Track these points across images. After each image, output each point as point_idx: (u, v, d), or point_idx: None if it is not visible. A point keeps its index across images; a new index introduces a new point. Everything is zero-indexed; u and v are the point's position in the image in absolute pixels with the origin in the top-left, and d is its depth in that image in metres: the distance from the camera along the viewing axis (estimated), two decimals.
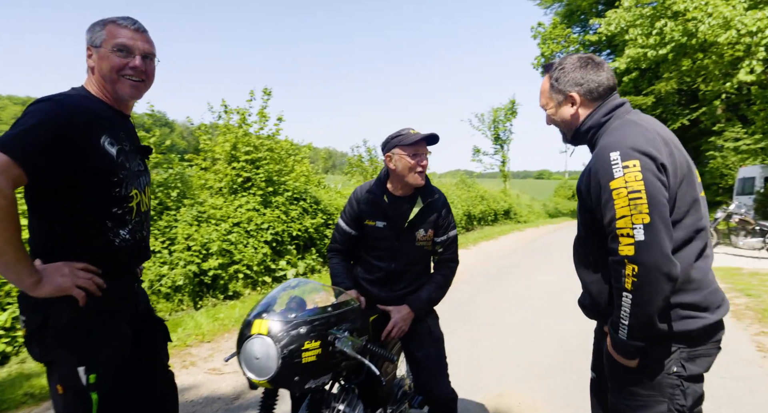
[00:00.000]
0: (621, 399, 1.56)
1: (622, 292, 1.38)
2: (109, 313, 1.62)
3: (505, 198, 20.76)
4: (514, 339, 4.52)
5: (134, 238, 1.67)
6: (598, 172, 1.45)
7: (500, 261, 9.25)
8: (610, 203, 1.39)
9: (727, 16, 10.23)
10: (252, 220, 7.32)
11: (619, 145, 1.43)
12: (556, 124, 1.72)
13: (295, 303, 1.70)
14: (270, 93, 8.46)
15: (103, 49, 1.61)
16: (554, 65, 1.65)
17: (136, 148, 1.74)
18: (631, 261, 1.33)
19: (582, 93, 1.60)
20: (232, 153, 7.93)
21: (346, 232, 2.37)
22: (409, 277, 2.33)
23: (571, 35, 23.94)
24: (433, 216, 2.29)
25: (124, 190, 1.61)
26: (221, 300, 6.31)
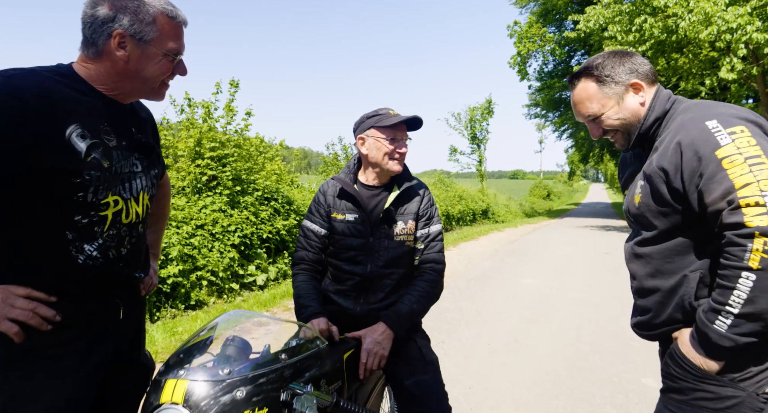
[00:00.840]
0: (678, 411, 1.34)
1: (740, 272, 1.16)
2: (62, 351, 1.28)
3: (482, 198, 20.54)
4: (506, 352, 4.10)
5: (105, 256, 1.33)
6: (695, 143, 1.26)
7: (483, 264, 8.88)
8: (719, 175, 1.20)
9: (708, 12, 10.11)
10: (218, 222, 6.74)
11: (713, 114, 1.28)
12: (619, 127, 1.51)
13: (233, 348, 1.22)
14: (237, 85, 7.88)
15: (153, 48, 1.31)
16: (589, 68, 1.51)
17: (132, 144, 1.41)
18: (764, 233, 1.12)
19: (642, 78, 1.48)
20: (196, 149, 7.33)
21: (315, 233, 1.98)
22: (390, 284, 1.90)
23: (547, 34, 23.88)
24: (413, 204, 1.96)
25: (93, 196, 1.27)
26: (182, 310, 5.72)
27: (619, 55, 1.51)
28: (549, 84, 26.12)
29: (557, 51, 24.17)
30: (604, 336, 4.55)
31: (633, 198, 1.48)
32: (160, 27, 1.31)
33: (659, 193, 1.36)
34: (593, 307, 5.53)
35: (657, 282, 1.43)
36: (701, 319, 1.25)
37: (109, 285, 1.39)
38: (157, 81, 1.37)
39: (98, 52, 1.30)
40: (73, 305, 1.30)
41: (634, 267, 1.52)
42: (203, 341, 1.31)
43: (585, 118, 1.55)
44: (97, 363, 1.35)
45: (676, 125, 1.37)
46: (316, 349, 1.34)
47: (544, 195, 40.73)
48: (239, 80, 7.93)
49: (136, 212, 1.42)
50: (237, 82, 7.90)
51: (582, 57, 24.33)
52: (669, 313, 1.41)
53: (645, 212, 1.42)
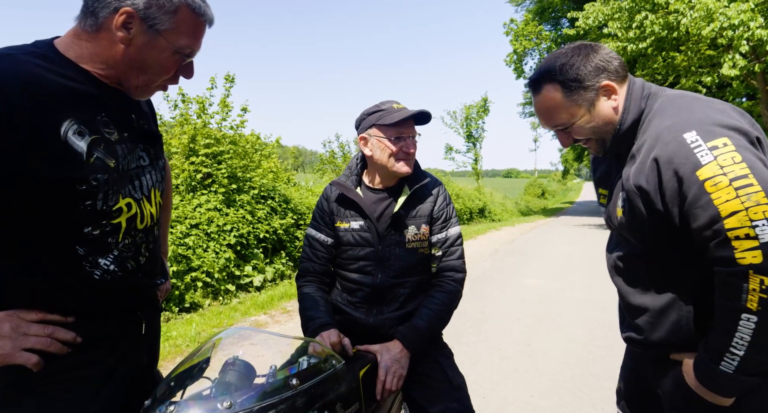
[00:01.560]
0: None
1: (739, 314, 1.04)
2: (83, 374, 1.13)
3: (479, 196, 20.41)
4: (518, 358, 3.93)
5: (123, 269, 1.17)
6: (673, 160, 1.11)
7: (483, 264, 8.71)
8: (703, 200, 1.06)
9: (710, 8, 9.98)
10: (213, 221, 6.52)
11: (691, 122, 1.13)
12: (591, 135, 1.33)
13: (235, 373, 1.03)
14: (233, 79, 7.65)
15: (163, 41, 1.11)
16: (551, 71, 1.30)
17: (136, 134, 1.21)
18: (759, 271, 1.00)
19: (613, 78, 1.29)
20: (190, 146, 7.09)
21: (321, 242, 1.80)
22: (405, 293, 1.72)
23: (543, 32, 23.78)
24: (426, 205, 1.77)
25: (103, 203, 1.09)
26: (176, 313, 5.50)
27: (583, 50, 1.30)
28: None
29: (554, 49, 24.04)
30: (615, 339, 4.38)
31: (614, 209, 1.34)
32: (179, 19, 1.11)
33: (639, 211, 1.22)
34: (601, 309, 5.38)
35: (645, 300, 1.31)
36: (705, 360, 1.13)
37: (130, 298, 1.24)
38: (155, 79, 1.17)
39: (97, 25, 1.09)
40: (93, 324, 1.16)
41: (618, 282, 1.40)
42: (198, 364, 1.12)
43: (552, 127, 1.37)
44: (119, 385, 1.19)
45: (651, 133, 1.20)
46: (332, 370, 1.16)
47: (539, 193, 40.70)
48: (234, 75, 7.69)
49: (151, 214, 1.24)
50: (232, 77, 7.67)
51: None
52: (661, 336, 1.29)
53: (626, 228, 1.30)
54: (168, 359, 3.99)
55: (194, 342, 4.39)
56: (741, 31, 9.95)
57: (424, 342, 1.64)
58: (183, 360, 1.17)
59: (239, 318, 5.21)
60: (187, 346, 4.28)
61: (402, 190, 1.77)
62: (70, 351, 1.11)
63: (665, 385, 1.34)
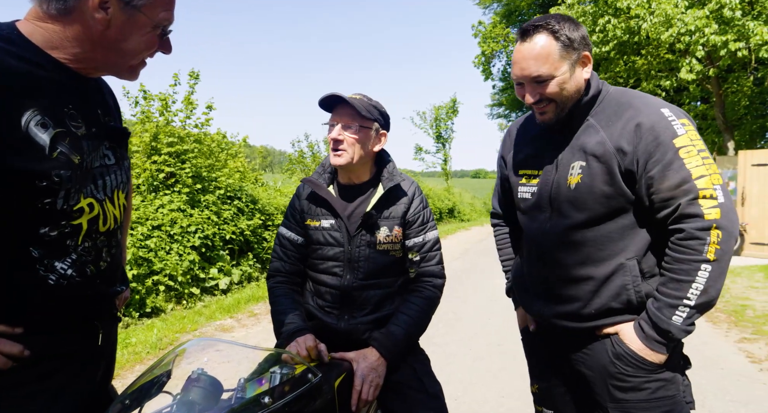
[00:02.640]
0: (642, 409, 1.33)
1: (699, 265, 1.21)
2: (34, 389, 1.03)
3: (448, 196, 20.57)
4: (490, 359, 3.91)
5: (82, 274, 1.07)
6: (655, 127, 1.27)
7: (454, 264, 8.74)
8: (676, 163, 1.24)
9: (669, 14, 10.33)
10: (176, 222, 6.29)
11: (660, 103, 1.33)
12: (558, 97, 1.36)
13: (199, 391, 0.94)
14: (198, 76, 7.41)
15: (143, 16, 1.04)
16: (550, 24, 1.33)
17: (102, 131, 1.12)
18: (719, 226, 1.20)
19: (590, 52, 1.39)
20: (152, 144, 6.83)
21: (292, 241, 1.74)
22: (375, 296, 1.65)
23: (510, 35, 24.17)
24: (400, 206, 1.70)
25: (64, 202, 1.00)
26: (136, 318, 5.27)
27: (573, 21, 1.37)
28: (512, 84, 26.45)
29: None
30: None
31: (564, 179, 1.39)
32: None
33: (611, 174, 1.31)
34: None
35: (588, 270, 1.37)
36: (657, 316, 1.25)
37: (88, 307, 1.14)
38: (138, 57, 1.10)
39: (66, 8, 0.99)
40: (45, 335, 1.06)
41: (560, 255, 1.42)
42: (158, 379, 1.01)
43: (529, 77, 1.35)
44: (71, 402, 1.09)
45: (626, 107, 1.34)
46: (307, 386, 1.07)
47: None
48: (199, 71, 7.45)
49: (114, 216, 1.16)
50: (197, 74, 7.43)
51: None
52: (602, 303, 1.36)
53: (585, 194, 1.34)
54: (126, 368, 3.80)
55: (155, 348, 4.20)
56: (697, 37, 10.35)
57: (402, 349, 1.58)
58: (141, 374, 1.07)
59: (204, 323, 5.03)
60: (147, 353, 4.09)
61: (375, 187, 1.71)
62: (16, 366, 1.00)
63: (598, 360, 1.40)
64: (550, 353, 1.57)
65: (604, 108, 1.38)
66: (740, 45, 10.25)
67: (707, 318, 4.87)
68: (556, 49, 1.32)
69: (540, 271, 1.49)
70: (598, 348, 1.40)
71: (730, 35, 10.26)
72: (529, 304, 1.57)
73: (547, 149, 1.46)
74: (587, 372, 1.43)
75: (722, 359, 3.81)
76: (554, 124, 1.41)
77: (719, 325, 4.72)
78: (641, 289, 1.33)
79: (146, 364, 3.91)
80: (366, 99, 1.66)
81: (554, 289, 1.45)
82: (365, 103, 1.64)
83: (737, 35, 10.36)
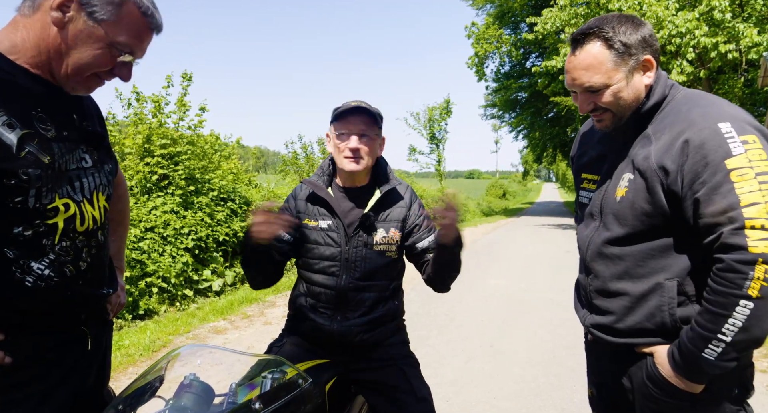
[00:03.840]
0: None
1: (738, 301, 1.09)
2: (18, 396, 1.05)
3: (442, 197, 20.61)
4: (482, 359, 3.94)
5: (61, 274, 1.09)
6: (705, 145, 1.15)
7: None
8: (725, 187, 1.12)
9: (660, 16, 10.42)
10: (169, 224, 6.28)
11: (725, 114, 1.19)
12: (614, 106, 1.30)
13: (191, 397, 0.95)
14: (191, 78, 7.39)
15: (100, 30, 1.06)
16: (603, 29, 1.26)
17: (78, 135, 1.17)
18: (767, 260, 1.06)
19: (654, 55, 1.29)
20: (145, 146, 6.81)
21: (278, 237, 1.70)
22: (370, 298, 1.67)
23: (503, 36, 24.27)
24: (398, 210, 1.75)
25: (36, 200, 1.03)
26: (129, 320, 5.25)
27: (633, 21, 1.29)
28: (506, 85, 26.56)
29: (513, 52, 24.61)
30: (578, 338, 4.47)
31: (614, 190, 1.34)
32: (122, 14, 1.08)
33: (652, 192, 1.24)
34: (563, 308, 5.48)
35: (625, 285, 1.33)
36: (688, 347, 1.18)
37: (72, 310, 1.15)
38: (86, 70, 1.11)
39: (34, 6, 1.04)
40: (27, 340, 1.07)
41: (598, 267, 1.39)
42: (151, 384, 1.03)
43: (581, 87, 1.32)
44: (59, 407, 1.10)
45: (682, 119, 1.24)
46: (298, 391, 1.09)
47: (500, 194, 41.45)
48: (192, 73, 7.43)
49: (93, 217, 1.18)
50: (190, 75, 7.41)
51: (537, 59, 24.85)
52: (636, 320, 1.32)
53: (626, 208, 1.29)
54: (119, 370, 3.79)
55: (149, 351, 4.19)
56: (688, 39, 10.44)
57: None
58: (135, 379, 1.09)
59: (197, 325, 5.02)
60: (140, 355, 4.08)
61: (373, 192, 1.75)
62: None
63: (636, 376, 1.37)
64: (602, 361, 1.54)
65: (664, 117, 1.30)
66: (730, 47, 10.35)
67: None
68: (610, 57, 1.26)
69: (584, 279, 1.47)
70: (635, 365, 1.36)
71: (720, 37, 10.37)
72: (577, 309, 1.56)
73: (608, 155, 1.42)
74: (627, 384, 1.41)
75: None
76: (612, 130, 1.37)
77: None
78: (676, 313, 1.26)
79: (139, 366, 3.90)
80: (371, 106, 1.70)
81: (593, 299, 1.43)
82: (375, 111, 1.69)
83: (727, 37, 10.47)
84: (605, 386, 1.55)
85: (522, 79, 25.95)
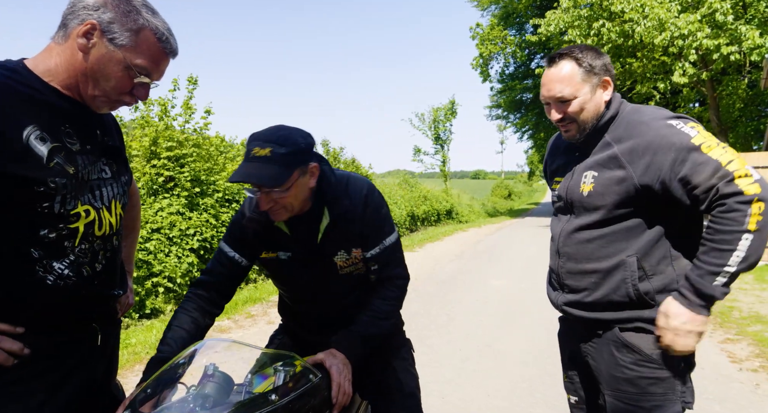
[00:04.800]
0: (631, 402, 1.53)
1: (741, 235, 1.33)
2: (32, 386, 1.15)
3: (446, 198, 20.65)
4: (478, 359, 4.03)
5: (78, 275, 1.19)
6: (668, 137, 1.41)
7: (450, 266, 8.85)
8: (702, 157, 1.37)
9: (662, 18, 10.46)
10: (175, 225, 6.41)
11: (668, 115, 1.47)
12: (578, 116, 1.55)
13: (213, 385, 1.06)
14: (196, 81, 7.53)
15: (120, 54, 1.18)
16: (574, 52, 1.55)
17: (99, 148, 1.29)
18: (761, 198, 1.32)
19: (611, 78, 1.57)
20: (151, 149, 6.94)
21: (228, 258, 1.58)
22: (353, 312, 1.61)
23: (508, 37, 24.27)
24: (355, 224, 1.55)
25: (61, 206, 1.14)
26: (136, 319, 5.39)
27: (596, 51, 1.57)
28: (510, 86, 26.56)
29: (518, 54, 24.61)
30: None
31: (576, 186, 1.59)
32: (139, 40, 1.19)
33: (622, 184, 1.47)
34: None
35: (593, 264, 1.56)
36: (700, 283, 1.38)
37: (85, 308, 1.26)
38: (108, 92, 1.22)
39: (66, 35, 1.18)
40: (44, 334, 1.17)
41: (570, 250, 1.62)
42: (177, 375, 1.14)
43: (554, 98, 1.56)
44: (69, 398, 1.21)
45: (636, 125, 1.49)
46: (309, 385, 1.19)
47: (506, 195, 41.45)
48: (197, 77, 7.57)
49: (110, 223, 1.29)
50: (195, 79, 7.55)
51: (541, 60, 24.83)
52: (604, 293, 1.54)
53: (596, 200, 1.53)
54: (127, 367, 3.92)
55: (154, 349, 4.30)
56: (690, 41, 10.46)
57: (362, 350, 1.51)
58: (162, 368, 1.18)
59: None
60: (146, 353, 4.20)
61: (322, 212, 1.54)
62: (17, 363, 1.11)
63: (605, 353, 1.59)
64: (572, 345, 1.76)
65: (617, 126, 1.55)
66: (732, 49, 10.37)
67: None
68: (579, 73, 1.53)
69: (556, 263, 1.69)
70: (603, 342, 1.59)
71: (722, 39, 10.39)
72: (550, 294, 1.77)
73: (573, 159, 1.66)
74: (593, 363, 1.64)
75: (703, 359, 3.92)
76: (577, 140, 1.60)
77: None
78: (639, 286, 1.49)
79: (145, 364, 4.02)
80: (277, 148, 1.38)
81: (565, 280, 1.65)
82: (280, 158, 1.38)
83: (729, 39, 10.49)
84: (577, 368, 1.78)
85: (527, 80, 25.93)
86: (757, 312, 5.24)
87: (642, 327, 1.51)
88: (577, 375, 1.80)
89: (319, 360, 1.43)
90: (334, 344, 1.50)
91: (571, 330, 1.76)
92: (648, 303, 1.49)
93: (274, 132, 1.43)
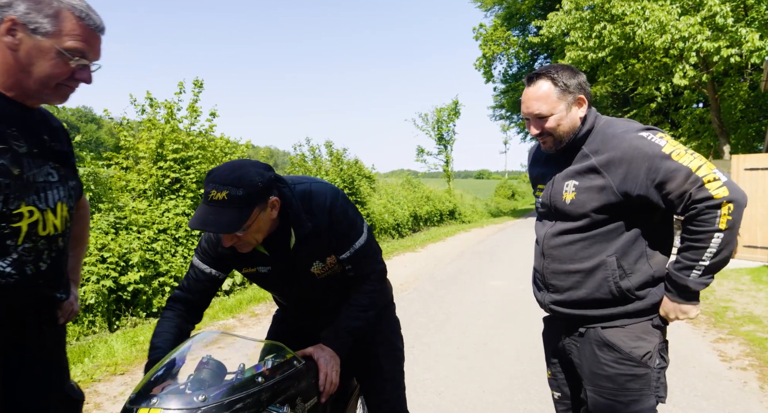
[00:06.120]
0: (610, 397, 1.65)
1: (713, 234, 1.47)
2: None
3: (449, 198, 20.74)
4: (475, 357, 4.15)
5: (21, 273, 1.21)
6: (641, 148, 1.53)
7: (450, 266, 8.97)
8: (674, 165, 1.49)
9: (662, 21, 10.53)
10: (181, 226, 6.56)
11: (637, 127, 1.61)
12: (555, 131, 1.67)
13: (208, 371, 1.18)
14: (201, 85, 7.69)
15: (47, 42, 1.18)
16: (550, 72, 1.66)
17: (46, 152, 1.30)
18: (729, 200, 1.44)
19: (586, 96, 1.67)
20: (158, 151, 7.11)
21: (206, 274, 1.62)
22: (335, 303, 1.73)
23: (511, 37, 24.35)
24: (323, 237, 1.59)
25: (3, 205, 1.16)
26: (143, 318, 5.54)
27: (572, 70, 1.68)
28: (514, 86, 26.62)
29: (521, 54, 24.68)
30: None
31: (559, 194, 1.70)
32: (61, 23, 1.19)
33: (602, 192, 1.59)
34: None
35: (576, 265, 1.68)
36: (677, 275, 1.55)
37: (26, 307, 1.25)
38: (50, 81, 1.23)
39: None
40: None
41: (555, 252, 1.74)
42: (176, 364, 1.26)
43: (532, 114, 1.67)
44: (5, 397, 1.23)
45: (611, 138, 1.61)
46: (293, 369, 1.32)
47: (509, 195, 41.42)
48: (203, 80, 7.72)
49: (54, 224, 1.30)
50: (201, 82, 7.71)
51: (545, 60, 24.90)
52: (587, 292, 1.66)
53: (578, 207, 1.64)
54: (135, 364, 4.07)
55: None
56: (690, 43, 10.53)
57: (347, 342, 1.60)
58: (162, 359, 1.30)
59: (207, 322, 5.29)
60: None
61: (290, 231, 1.57)
62: None
63: (586, 350, 1.70)
64: (555, 343, 1.87)
65: (593, 139, 1.67)
66: (732, 51, 10.44)
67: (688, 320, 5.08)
68: (555, 92, 1.63)
69: (540, 264, 1.81)
70: (585, 340, 1.70)
71: (722, 42, 10.46)
72: (536, 294, 1.89)
73: (553, 169, 1.77)
74: (575, 360, 1.75)
75: (695, 358, 4.03)
76: (554, 152, 1.72)
77: (698, 326, 4.93)
78: (620, 283, 1.61)
79: None
80: (234, 190, 1.35)
81: (549, 280, 1.77)
82: (237, 201, 1.36)
83: (730, 41, 10.55)
84: (560, 364, 1.89)
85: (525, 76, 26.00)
86: (750, 313, 5.34)
87: (627, 322, 1.65)
88: (561, 372, 1.91)
89: (308, 353, 1.54)
90: (322, 340, 1.61)
91: (555, 329, 1.88)
92: (630, 298, 1.63)
93: (230, 172, 1.38)
